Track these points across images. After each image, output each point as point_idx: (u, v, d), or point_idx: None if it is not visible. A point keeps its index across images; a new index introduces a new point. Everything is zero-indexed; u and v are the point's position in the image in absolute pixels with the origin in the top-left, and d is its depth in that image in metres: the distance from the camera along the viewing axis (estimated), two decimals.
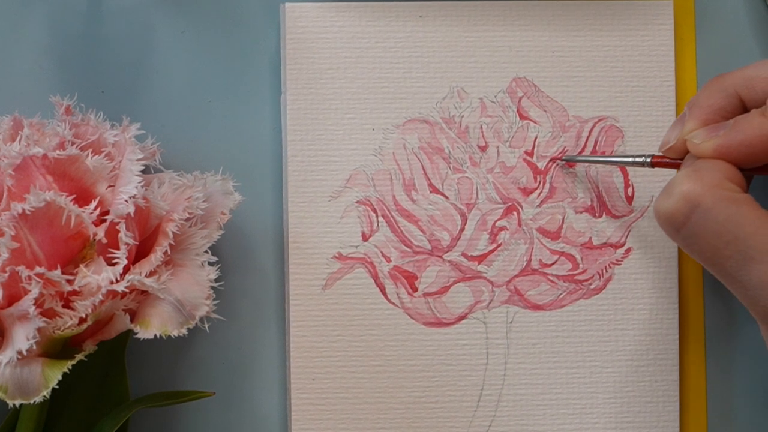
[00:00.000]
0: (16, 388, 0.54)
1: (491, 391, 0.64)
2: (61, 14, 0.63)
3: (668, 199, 0.56)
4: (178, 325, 0.56)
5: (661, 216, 0.57)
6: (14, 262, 0.54)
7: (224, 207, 0.59)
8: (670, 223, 0.56)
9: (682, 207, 0.56)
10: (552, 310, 0.64)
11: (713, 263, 0.56)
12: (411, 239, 0.63)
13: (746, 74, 0.59)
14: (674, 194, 0.56)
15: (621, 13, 0.64)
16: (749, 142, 0.56)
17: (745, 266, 0.55)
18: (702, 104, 0.59)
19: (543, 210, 0.64)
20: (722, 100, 0.59)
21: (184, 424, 0.64)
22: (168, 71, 0.64)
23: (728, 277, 0.56)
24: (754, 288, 0.55)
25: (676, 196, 0.56)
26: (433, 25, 0.64)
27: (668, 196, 0.56)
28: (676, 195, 0.56)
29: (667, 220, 0.56)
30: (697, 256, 0.56)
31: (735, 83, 0.59)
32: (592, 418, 0.64)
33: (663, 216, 0.57)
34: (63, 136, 0.57)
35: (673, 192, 0.56)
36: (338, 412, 0.63)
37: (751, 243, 0.54)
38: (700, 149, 0.57)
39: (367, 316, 0.63)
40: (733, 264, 0.55)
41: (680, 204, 0.56)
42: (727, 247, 0.55)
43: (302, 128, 0.63)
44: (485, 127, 0.64)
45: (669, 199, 0.56)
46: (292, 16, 0.63)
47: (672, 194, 0.56)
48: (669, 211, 0.56)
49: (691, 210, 0.55)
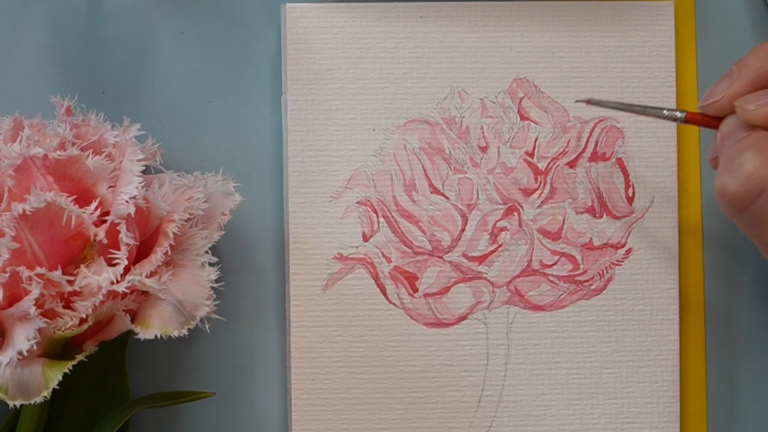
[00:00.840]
0: (16, 388, 0.54)
1: (492, 392, 0.64)
2: (61, 15, 0.63)
3: (734, 180, 0.54)
4: (179, 325, 0.56)
5: (726, 196, 0.55)
6: (15, 263, 0.54)
7: (225, 207, 0.59)
8: (733, 204, 0.55)
9: (750, 189, 0.54)
10: (552, 310, 0.64)
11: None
12: (411, 240, 0.63)
13: None
14: (740, 175, 0.54)
15: (622, 13, 0.64)
16: None
17: None
18: (752, 65, 0.57)
19: (543, 211, 0.64)
20: None
21: (184, 424, 0.64)
22: (168, 72, 0.64)
23: None
24: None
25: (743, 177, 0.54)
26: (433, 26, 0.64)
27: (733, 176, 0.54)
28: (743, 176, 0.54)
29: (732, 202, 0.55)
30: (757, 239, 0.55)
31: None
32: (592, 418, 0.64)
33: (728, 197, 0.55)
34: (63, 137, 0.57)
35: (739, 173, 0.54)
36: (339, 412, 0.63)
37: None
38: (753, 116, 0.55)
39: (367, 316, 0.63)
40: None
41: (747, 186, 0.54)
42: None
43: (303, 129, 0.63)
44: (486, 127, 0.64)
45: (735, 179, 0.54)
46: (292, 16, 0.63)
47: (738, 175, 0.54)
48: (734, 192, 0.54)
49: (759, 193, 0.54)
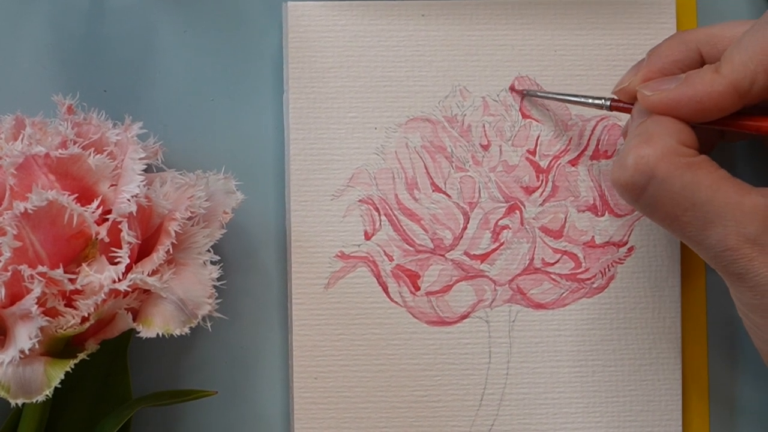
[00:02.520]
0: (18, 387, 0.54)
1: (494, 390, 0.64)
2: (63, 13, 0.63)
3: (623, 171, 0.55)
4: (181, 324, 0.56)
5: (618, 188, 0.56)
6: (16, 261, 0.54)
7: (226, 206, 0.59)
8: (627, 194, 0.56)
9: (638, 179, 0.55)
10: (554, 308, 0.64)
11: (674, 229, 0.56)
12: (413, 238, 0.63)
13: (711, 32, 0.58)
14: (628, 166, 0.55)
15: (623, 12, 0.64)
16: (699, 97, 0.56)
17: (705, 231, 0.55)
18: (662, 53, 0.59)
19: (545, 209, 0.64)
20: (682, 54, 0.58)
21: (186, 423, 0.64)
22: (170, 70, 0.64)
23: (690, 241, 0.56)
24: (715, 250, 0.55)
25: (631, 168, 0.55)
26: (435, 24, 0.64)
27: (622, 167, 0.56)
28: (630, 167, 0.55)
29: (625, 192, 0.56)
30: (659, 223, 0.56)
31: (698, 38, 0.58)
32: (594, 416, 0.64)
33: (620, 188, 0.56)
34: (65, 135, 0.57)
35: (627, 163, 0.55)
36: (341, 411, 0.63)
37: (708, 208, 0.54)
38: (650, 101, 0.57)
39: (369, 315, 0.63)
40: (692, 229, 0.55)
41: (635, 176, 0.55)
42: (686, 214, 0.55)
43: (304, 127, 0.63)
44: (488, 125, 0.64)
45: (624, 171, 0.55)
46: (294, 14, 0.63)
47: (626, 166, 0.55)
48: (625, 183, 0.55)
49: (647, 181, 0.55)
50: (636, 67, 0.60)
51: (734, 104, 0.56)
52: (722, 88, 0.55)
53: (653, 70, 0.58)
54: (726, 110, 0.56)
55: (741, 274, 0.55)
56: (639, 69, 0.59)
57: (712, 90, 0.55)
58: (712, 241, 0.55)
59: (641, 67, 0.59)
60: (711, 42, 0.58)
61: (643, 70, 0.59)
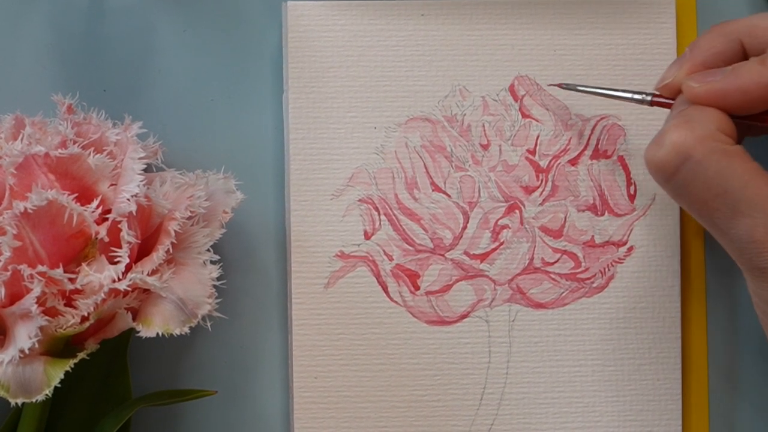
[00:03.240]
0: (18, 386, 0.54)
1: (493, 390, 0.64)
2: (62, 13, 0.63)
3: (659, 149, 0.56)
4: (180, 323, 0.56)
5: (652, 166, 0.56)
6: (16, 261, 0.54)
7: (226, 206, 0.59)
8: (660, 173, 0.56)
9: (673, 158, 0.55)
10: (554, 308, 0.64)
11: (702, 215, 0.56)
12: (413, 238, 0.63)
13: (751, 22, 0.58)
14: (665, 144, 0.55)
15: (623, 11, 0.64)
16: (746, 88, 0.56)
17: (733, 219, 0.55)
18: (702, 47, 0.59)
19: (545, 208, 0.64)
20: (723, 45, 0.58)
21: (186, 422, 0.64)
22: (170, 70, 0.64)
23: (716, 229, 0.56)
24: (741, 241, 0.55)
25: (667, 146, 0.55)
26: (435, 24, 0.64)
27: (659, 145, 0.56)
28: (667, 145, 0.55)
29: (658, 171, 0.56)
30: (686, 207, 0.56)
31: (738, 29, 0.58)
32: (594, 416, 0.64)
33: (653, 166, 0.56)
34: (65, 135, 0.57)
35: (664, 142, 0.55)
36: (340, 410, 0.63)
37: (740, 197, 0.54)
38: (695, 93, 0.57)
39: (369, 314, 0.63)
40: (720, 217, 0.55)
41: (671, 155, 0.55)
42: (716, 199, 0.55)
43: (304, 127, 0.63)
44: (487, 125, 0.64)
45: (660, 149, 0.56)
46: (293, 14, 0.63)
47: (663, 144, 0.56)
48: (659, 161, 0.56)
49: (682, 162, 0.55)
50: (678, 62, 0.59)
51: None
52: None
53: (696, 64, 0.58)
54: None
55: (764, 269, 0.55)
56: (682, 63, 0.59)
57: (760, 81, 0.56)
58: (740, 231, 0.55)
59: (684, 62, 0.59)
60: (752, 33, 0.58)
61: (686, 64, 0.58)
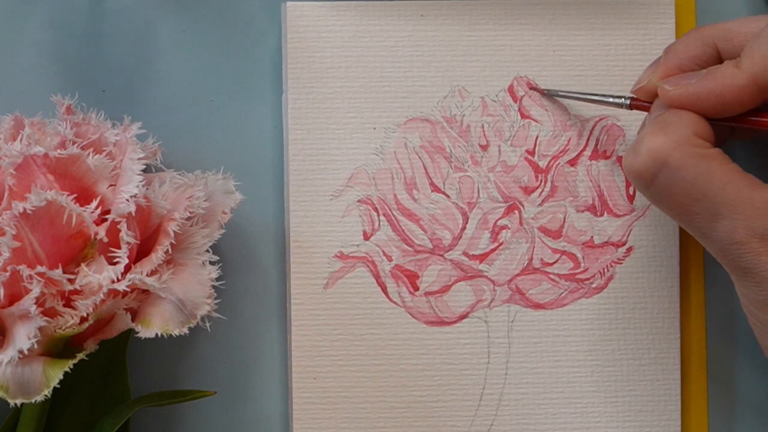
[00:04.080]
0: (17, 387, 0.54)
1: (493, 390, 0.64)
2: (62, 13, 0.63)
3: (636, 157, 0.56)
4: (180, 324, 0.56)
5: (630, 174, 0.56)
6: (15, 261, 0.54)
7: (225, 206, 0.59)
8: (639, 181, 0.56)
9: (650, 166, 0.55)
10: (553, 309, 0.64)
11: (683, 220, 0.56)
12: (412, 238, 0.63)
13: (727, 27, 0.59)
14: (642, 152, 0.55)
15: (622, 12, 0.64)
16: (719, 91, 0.56)
17: (713, 222, 0.55)
18: (678, 50, 0.59)
19: (544, 209, 0.64)
20: (699, 49, 0.59)
21: (185, 423, 0.64)
22: (169, 70, 0.64)
23: (698, 232, 0.56)
24: (722, 243, 0.55)
25: (644, 154, 0.55)
26: (434, 24, 0.64)
27: (636, 153, 0.56)
28: (644, 153, 0.55)
29: (636, 178, 0.56)
30: (667, 212, 0.56)
31: (714, 34, 0.59)
32: (593, 417, 0.64)
33: (632, 174, 0.56)
34: (64, 136, 0.57)
35: (641, 149, 0.56)
36: (340, 411, 0.63)
37: (719, 200, 0.54)
38: (670, 96, 0.57)
39: (368, 315, 0.63)
40: (701, 220, 0.55)
41: (648, 162, 0.55)
42: (696, 204, 0.55)
43: (303, 127, 0.63)
44: (486, 126, 0.64)
45: (637, 157, 0.56)
46: (293, 15, 0.63)
47: (639, 152, 0.56)
48: (637, 169, 0.56)
49: (659, 168, 0.55)
50: (653, 65, 0.60)
51: (754, 99, 0.56)
52: (743, 82, 0.55)
53: (671, 67, 0.59)
54: (746, 105, 0.56)
55: (748, 269, 0.55)
56: (657, 67, 0.59)
57: (733, 84, 0.56)
58: (720, 234, 0.55)
59: (659, 65, 0.59)
60: (727, 37, 0.58)
61: (661, 67, 0.59)
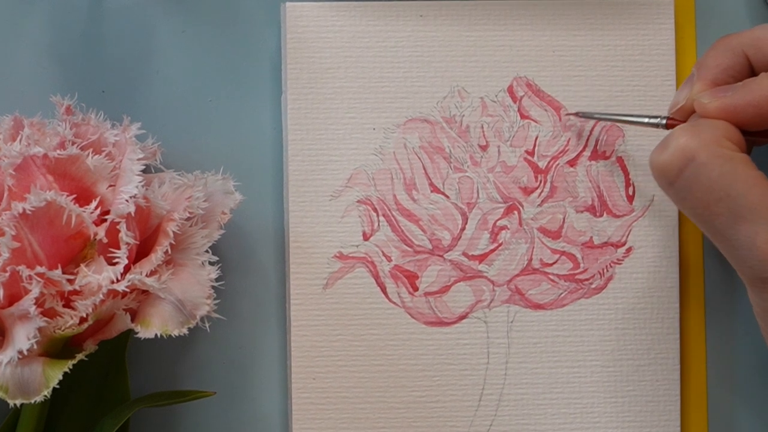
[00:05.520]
0: (16, 387, 0.54)
1: (492, 391, 0.64)
2: (61, 14, 0.63)
3: (664, 152, 0.56)
4: (179, 324, 0.56)
5: (656, 168, 0.56)
6: (15, 262, 0.54)
7: (225, 206, 0.59)
8: (663, 175, 0.56)
9: (677, 160, 0.55)
10: (553, 309, 0.64)
11: (703, 219, 0.56)
12: (412, 239, 0.63)
13: (754, 35, 0.58)
14: (670, 147, 0.56)
15: (622, 12, 0.64)
16: (757, 102, 0.56)
17: (735, 225, 0.55)
18: (709, 64, 0.59)
19: (544, 209, 0.64)
20: (729, 60, 0.59)
21: (184, 423, 0.64)
22: (169, 71, 0.64)
23: (717, 234, 0.55)
24: (742, 248, 0.55)
25: (672, 148, 0.55)
26: (433, 25, 0.64)
27: (664, 148, 0.56)
28: (672, 148, 0.56)
29: (661, 173, 0.56)
30: (688, 211, 0.56)
31: (742, 43, 0.58)
32: (593, 417, 0.64)
33: (657, 168, 0.56)
34: (63, 136, 0.57)
35: (669, 145, 0.56)
36: (339, 411, 0.63)
37: (742, 202, 0.54)
38: (707, 109, 0.57)
39: (367, 315, 0.63)
40: (722, 221, 0.55)
41: (675, 157, 0.55)
42: (718, 204, 0.55)
43: (303, 128, 0.63)
44: (486, 126, 0.64)
45: (664, 151, 0.56)
46: (292, 15, 0.63)
47: (668, 147, 0.56)
48: (663, 163, 0.56)
49: (686, 164, 0.55)
50: (687, 84, 0.59)
51: None
52: None
53: (706, 82, 0.58)
54: None
55: (766, 279, 0.55)
56: (691, 84, 0.59)
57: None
58: (741, 237, 0.54)
59: (693, 82, 0.59)
60: (756, 45, 0.58)
61: (697, 83, 0.59)
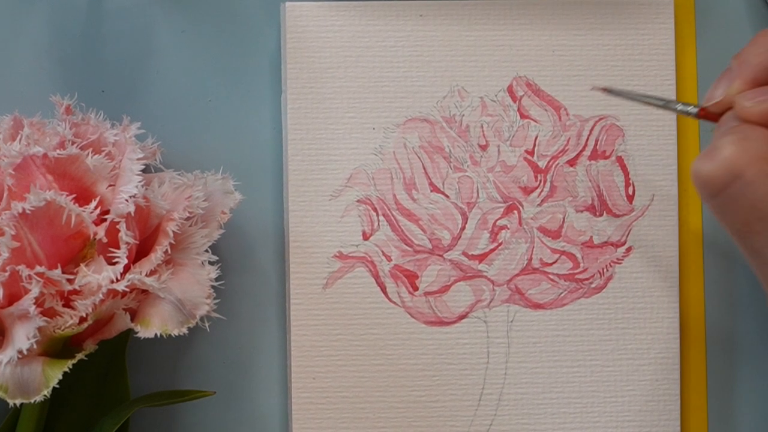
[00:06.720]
0: (16, 387, 0.54)
1: (492, 390, 0.64)
2: (61, 14, 0.63)
3: (710, 163, 0.54)
4: (179, 324, 0.56)
5: (699, 179, 0.55)
6: (15, 262, 0.54)
7: (224, 206, 0.59)
8: (707, 187, 0.54)
9: (723, 175, 0.54)
10: (553, 309, 0.64)
11: (741, 235, 0.54)
12: (412, 238, 0.63)
13: None
14: (717, 159, 0.54)
15: (621, 12, 0.64)
16: None
17: None
18: (751, 61, 0.57)
19: (544, 209, 0.64)
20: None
21: (184, 423, 0.64)
22: (168, 70, 0.64)
23: (753, 252, 0.54)
24: None
25: (719, 162, 0.54)
26: (433, 24, 0.64)
27: (710, 159, 0.54)
28: (719, 161, 0.54)
29: (705, 184, 0.54)
30: (727, 225, 0.55)
31: None
32: (593, 417, 0.64)
33: (701, 179, 0.54)
34: (63, 136, 0.57)
35: (717, 157, 0.54)
36: (339, 411, 0.63)
37: None
38: (749, 113, 0.55)
39: (367, 315, 0.63)
40: (761, 240, 0.54)
41: (721, 171, 0.54)
42: (759, 222, 0.53)
43: (303, 127, 0.63)
44: (486, 126, 0.64)
45: (711, 163, 0.54)
46: (292, 15, 0.63)
47: (715, 159, 0.54)
48: (708, 175, 0.54)
49: (732, 180, 0.53)
50: (726, 78, 0.57)
51: None
52: None
53: (747, 81, 0.56)
54: None
55: None
56: (728, 79, 0.57)
57: None
58: None
59: (732, 78, 0.57)
60: None
61: (737, 80, 0.57)
